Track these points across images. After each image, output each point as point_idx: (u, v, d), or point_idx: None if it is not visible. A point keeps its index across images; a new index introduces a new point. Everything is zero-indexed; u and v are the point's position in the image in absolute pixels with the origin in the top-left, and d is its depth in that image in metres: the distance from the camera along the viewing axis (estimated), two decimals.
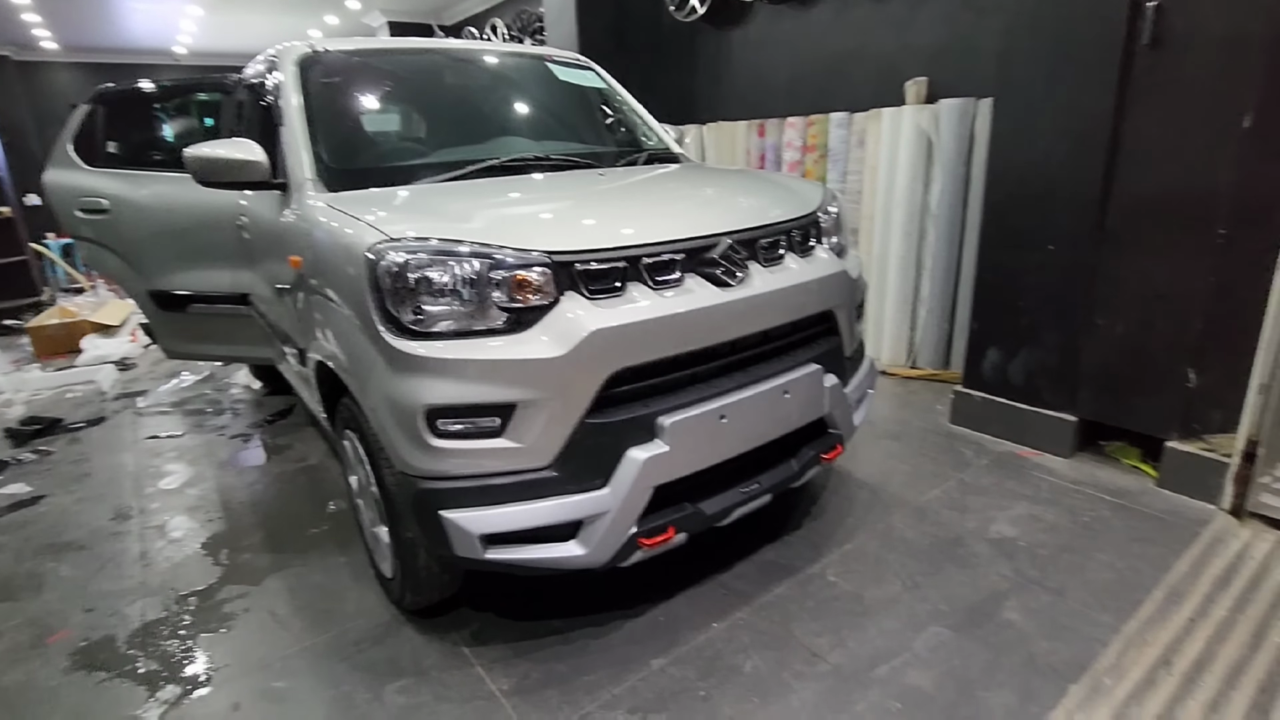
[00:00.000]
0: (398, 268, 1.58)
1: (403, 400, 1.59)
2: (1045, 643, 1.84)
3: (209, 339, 3.38)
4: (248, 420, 3.75)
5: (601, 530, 1.68)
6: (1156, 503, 2.48)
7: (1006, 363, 2.95)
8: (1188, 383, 2.47)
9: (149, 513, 2.78)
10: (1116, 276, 2.57)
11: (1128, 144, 2.46)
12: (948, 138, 3.53)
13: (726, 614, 1.99)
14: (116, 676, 1.88)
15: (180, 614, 2.13)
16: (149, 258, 3.25)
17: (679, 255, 1.76)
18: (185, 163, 2.21)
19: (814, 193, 2.28)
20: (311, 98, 2.34)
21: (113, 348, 5.04)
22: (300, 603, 2.15)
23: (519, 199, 2.02)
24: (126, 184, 3.23)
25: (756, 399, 1.86)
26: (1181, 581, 2.08)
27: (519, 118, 2.86)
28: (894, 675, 1.75)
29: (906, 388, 3.73)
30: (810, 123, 4.29)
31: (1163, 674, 1.75)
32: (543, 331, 1.59)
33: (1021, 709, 1.64)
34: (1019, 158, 2.76)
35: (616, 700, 1.71)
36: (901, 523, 2.42)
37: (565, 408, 1.61)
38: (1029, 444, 2.92)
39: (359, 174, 2.22)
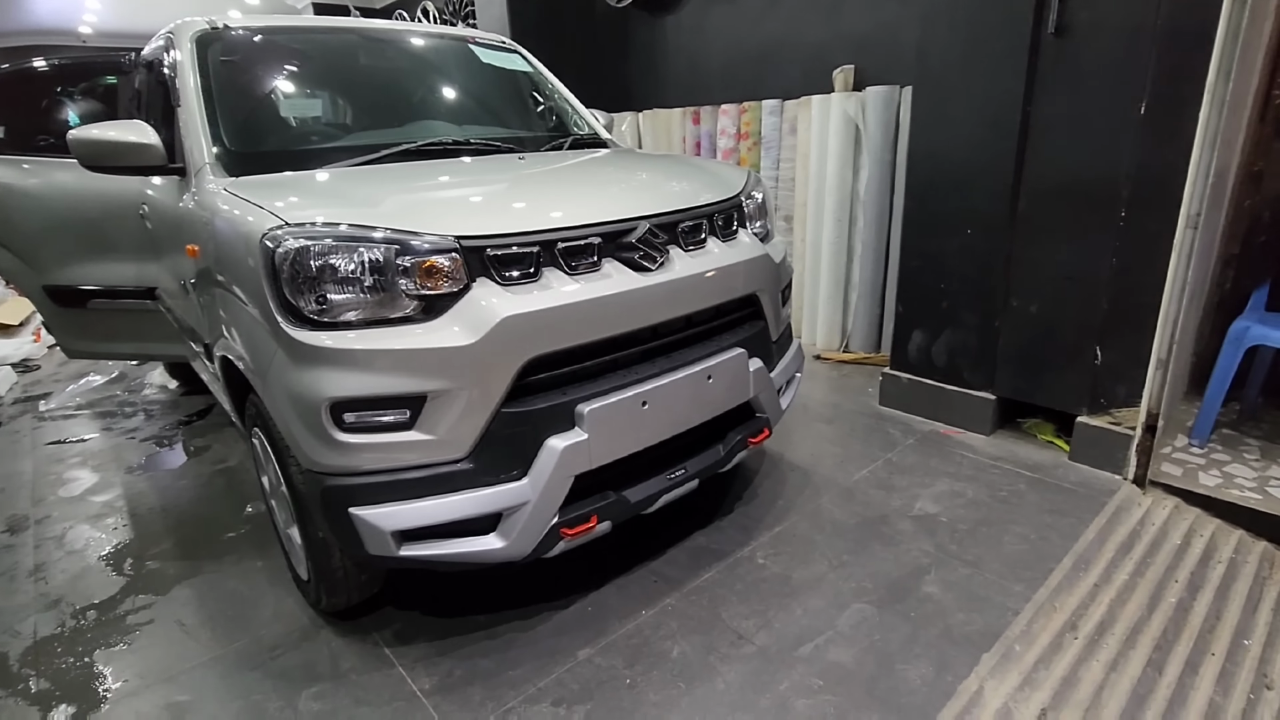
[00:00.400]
0: (296, 254, 1.50)
1: (305, 394, 1.51)
2: (962, 614, 1.90)
3: (114, 337, 3.18)
4: (162, 421, 3.55)
5: (521, 522, 1.65)
6: (1069, 476, 2.59)
7: (930, 345, 3.04)
8: (1095, 360, 2.58)
9: (46, 523, 2.60)
10: (1029, 259, 2.67)
11: (1036, 130, 2.54)
12: (874, 125, 3.60)
13: (655, 601, 1.99)
14: (6, 697, 1.75)
15: (78, 628, 2.00)
16: (42, 250, 3.03)
17: (596, 240, 1.73)
18: (70, 146, 2.06)
19: (737, 177, 2.28)
20: (211, 77, 2.21)
21: (11, 349, 4.70)
22: (211, 611, 2.05)
23: (431, 184, 1.94)
24: (13, 171, 3.00)
25: (679, 384, 1.85)
26: (1088, 549, 2.18)
27: (438, 101, 2.77)
28: (817, 653, 1.77)
29: (839, 371, 3.80)
30: (743, 110, 4.31)
31: (1069, 638, 1.83)
32: (452, 319, 1.54)
33: (937, 679, 1.68)
34: (937, 144, 2.82)
35: (541, 693, 1.68)
36: (830, 504, 2.46)
37: (479, 398, 1.56)
38: (952, 423, 3.02)
39: (263, 158, 2.11)
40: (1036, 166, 2.58)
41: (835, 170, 3.79)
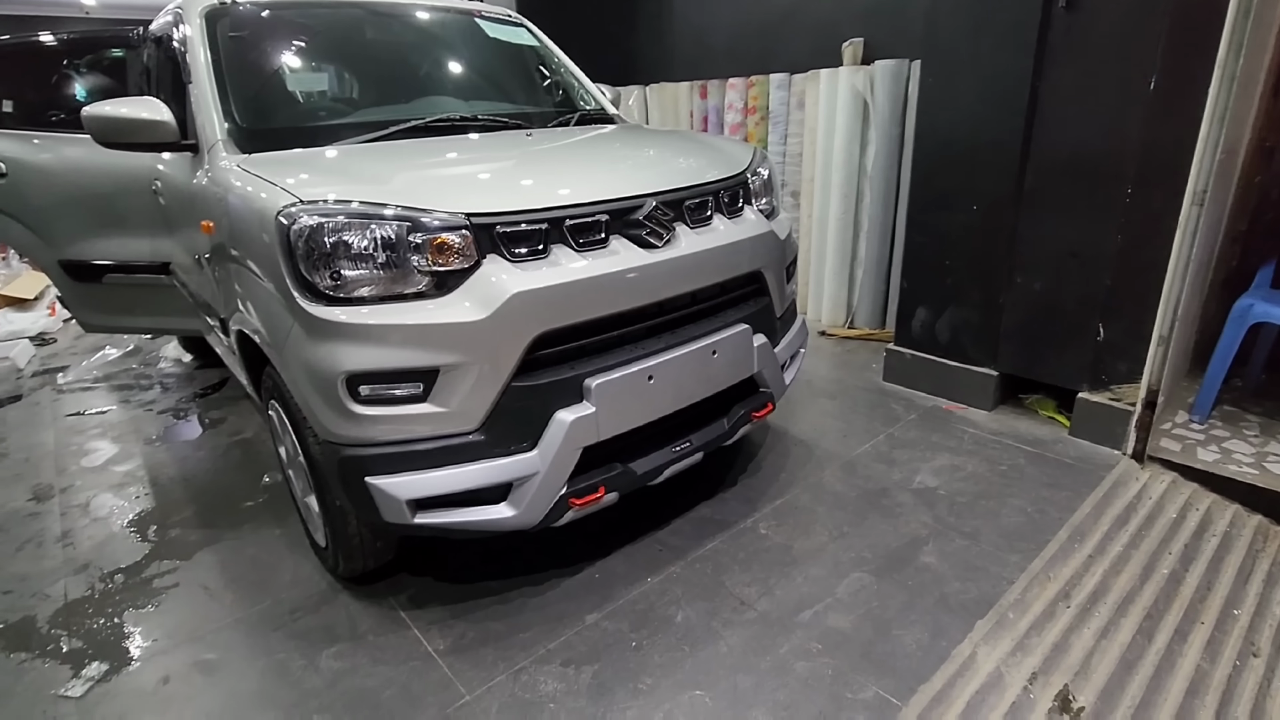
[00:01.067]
0: (311, 231, 1.53)
1: (321, 367, 1.56)
2: (958, 583, 1.95)
3: (129, 311, 3.24)
4: (178, 394, 3.63)
5: (531, 492, 1.70)
6: (1069, 451, 2.63)
7: (934, 321, 3.06)
8: (1098, 337, 2.60)
9: (71, 491, 2.68)
10: (1034, 235, 2.67)
11: (1044, 105, 2.53)
12: (882, 100, 3.58)
13: (660, 569, 2.05)
14: (38, 656, 1.84)
15: (106, 592, 2.08)
16: (58, 226, 3.07)
17: (603, 217, 1.76)
18: (84, 123, 2.09)
19: (744, 154, 2.29)
20: (221, 53, 2.22)
21: (28, 322, 4.78)
22: (233, 575, 2.13)
23: (441, 160, 1.97)
24: (25, 146, 3.03)
25: (684, 359, 1.89)
26: (1084, 522, 2.23)
27: (446, 76, 2.77)
28: (816, 619, 1.84)
29: (844, 347, 3.83)
30: (751, 84, 4.27)
31: (1061, 606, 1.89)
32: (464, 295, 1.58)
33: (932, 644, 1.74)
34: (944, 120, 2.81)
35: (551, 654, 1.75)
36: (832, 477, 2.51)
37: (490, 371, 1.61)
38: (955, 398, 3.05)
39: (274, 134, 2.13)
40: (1043, 142, 2.58)
41: (843, 145, 3.77)
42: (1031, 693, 1.61)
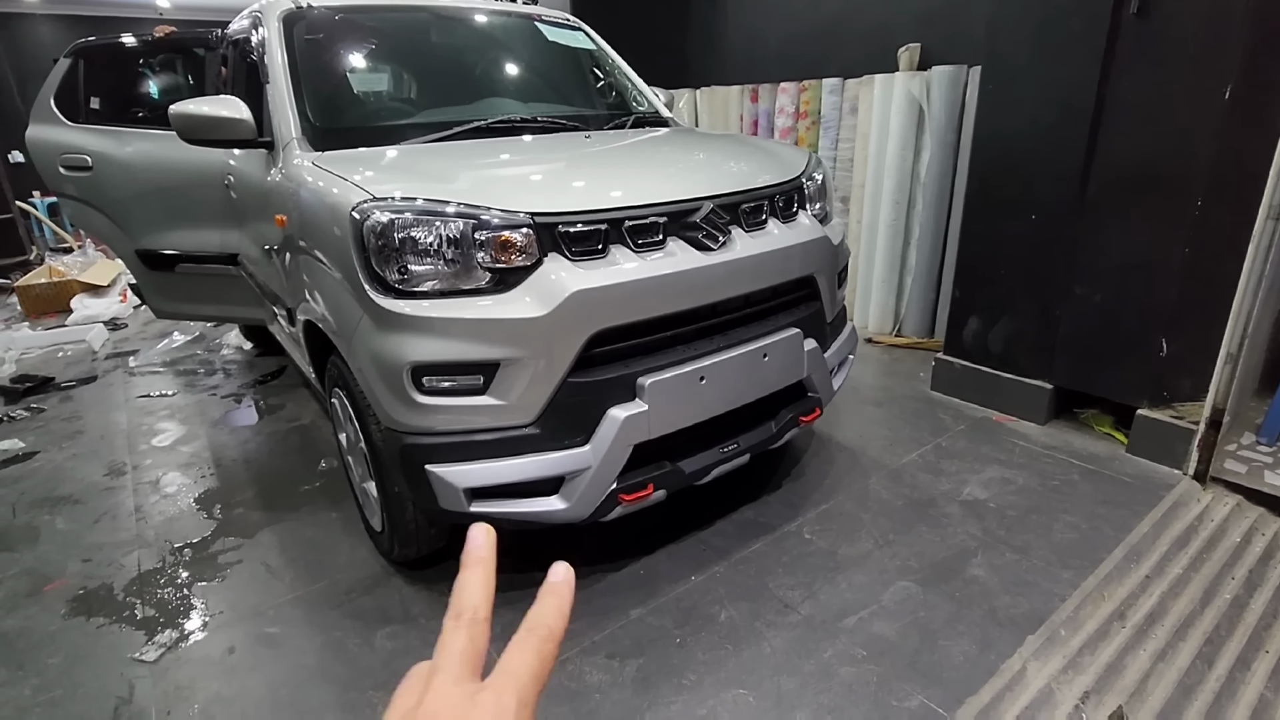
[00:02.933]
0: (383, 227, 1.60)
1: (388, 358, 1.63)
2: (1007, 597, 1.93)
3: (198, 299, 3.39)
4: (240, 380, 3.78)
5: (583, 486, 1.74)
6: (1125, 468, 2.56)
7: (986, 331, 3.01)
8: (1160, 352, 2.53)
9: (143, 468, 2.83)
10: (1095, 246, 2.61)
11: (1111, 114, 2.47)
12: (938, 106, 3.53)
13: (704, 568, 2.07)
14: (115, 622, 1.95)
15: (175, 565, 2.19)
16: (135, 216, 3.24)
17: (661, 219, 1.79)
18: (171, 119, 2.20)
19: (799, 159, 2.30)
20: (297, 55, 2.33)
21: (102, 307, 5.03)
22: (292, 555, 2.22)
23: (504, 160, 2.03)
24: (110, 140, 3.20)
25: (736, 361, 1.91)
26: (1142, 542, 2.17)
27: (507, 78, 2.84)
28: (861, 625, 1.83)
29: (891, 355, 3.79)
30: (803, 88, 4.26)
31: (1116, 626, 1.85)
32: (525, 292, 1.63)
33: (980, 656, 1.72)
34: (1004, 126, 2.77)
35: (596, 646, 1.79)
36: (878, 484, 2.50)
37: (547, 367, 1.65)
38: (1006, 411, 3.00)
39: (345, 133, 2.22)
40: (1109, 151, 2.51)
41: (896, 151, 3.73)
42: (1084, 712, 1.58)
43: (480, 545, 0.36)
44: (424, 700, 0.30)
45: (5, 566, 2.21)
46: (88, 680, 1.75)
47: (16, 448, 3.05)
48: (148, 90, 3.55)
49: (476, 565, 0.35)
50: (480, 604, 0.34)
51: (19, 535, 2.39)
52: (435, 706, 0.29)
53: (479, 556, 0.36)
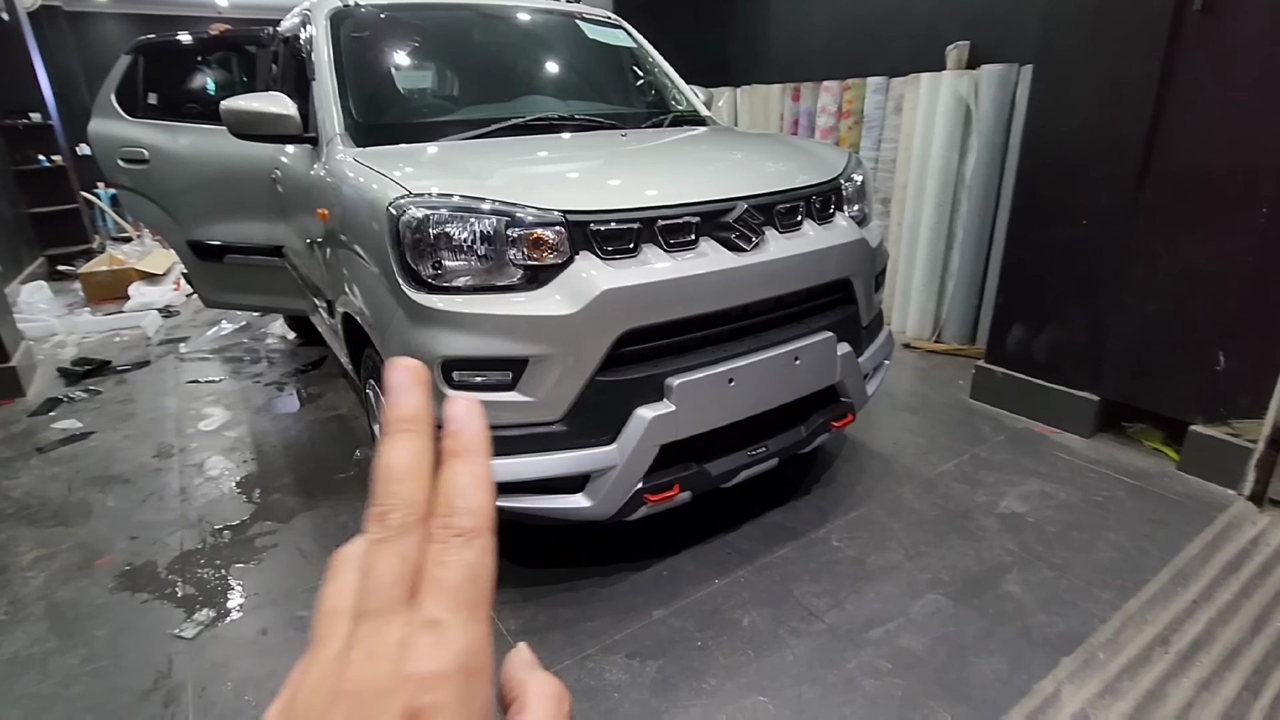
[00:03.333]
0: (418, 222, 1.62)
1: (420, 352, 1.65)
2: (1043, 615, 1.86)
3: (244, 289, 3.50)
4: (282, 369, 3.90)
5: (608, 484, 1.74)
6: (1175, 486, 2.45)
7: (1031, 339, 2.91)
8: (1217, 365, 2.41)
9: (189, 451, 2.94)
10: (1150, 253, 2.50)
11: (1171, 115, 2.36)
12: (987, 105, 3.42)
13: (728, 572, 2.05)
14: (158, 598, 2.03)
15: (216, 546, 2.27)
16: (187, 208, 3.36)
17: (694, 218, 1.77)
18: (221, 115, 2.27)
19: (837, 159, 2.26)
20: (343, 53, 2.38)
21: (157, 295, 5.23)
22: (326, 541, 2.28)
23: (539, 158, 2.04)
24: (165, 135, 3.33)
25: (766, 364, 1.88)
26: (1190, 564, 2.07)
27: (546, 76, 2.85)
28: (888, 637, 1.79)
29: (929, 362, 3.70)
30: (846, 87, 4.18)
31: (1159, 652, 1.77)
32: (556, 289, 1.63)
33: (1011, 676, 1.67)
34: (1056, 127, 2.67)
35: (617, 645, 1.79)
36: (911, 494, 2.44)
37: (576, 365, 1.66)
38: (1049, 422, 2.89)
39: (387, 130, 2.26)
40: (1167, 154, 2.40)
41: (940, 152, 3.64)
42: None
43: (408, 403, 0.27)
44: (349, 658, 0.23)
45: (60, 540, 2.32)
46: (130, 652, 1.82)
47: (75, 427, 3.19)
48: (202, 86, 3.68)
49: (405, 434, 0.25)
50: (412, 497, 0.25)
51: (73, 511, 2.50)
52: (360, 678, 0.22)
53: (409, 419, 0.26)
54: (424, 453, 0.26)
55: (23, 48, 6.28)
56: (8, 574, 2.15)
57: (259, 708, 1.63)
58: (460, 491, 0.26)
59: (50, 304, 5.05)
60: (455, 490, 0.26)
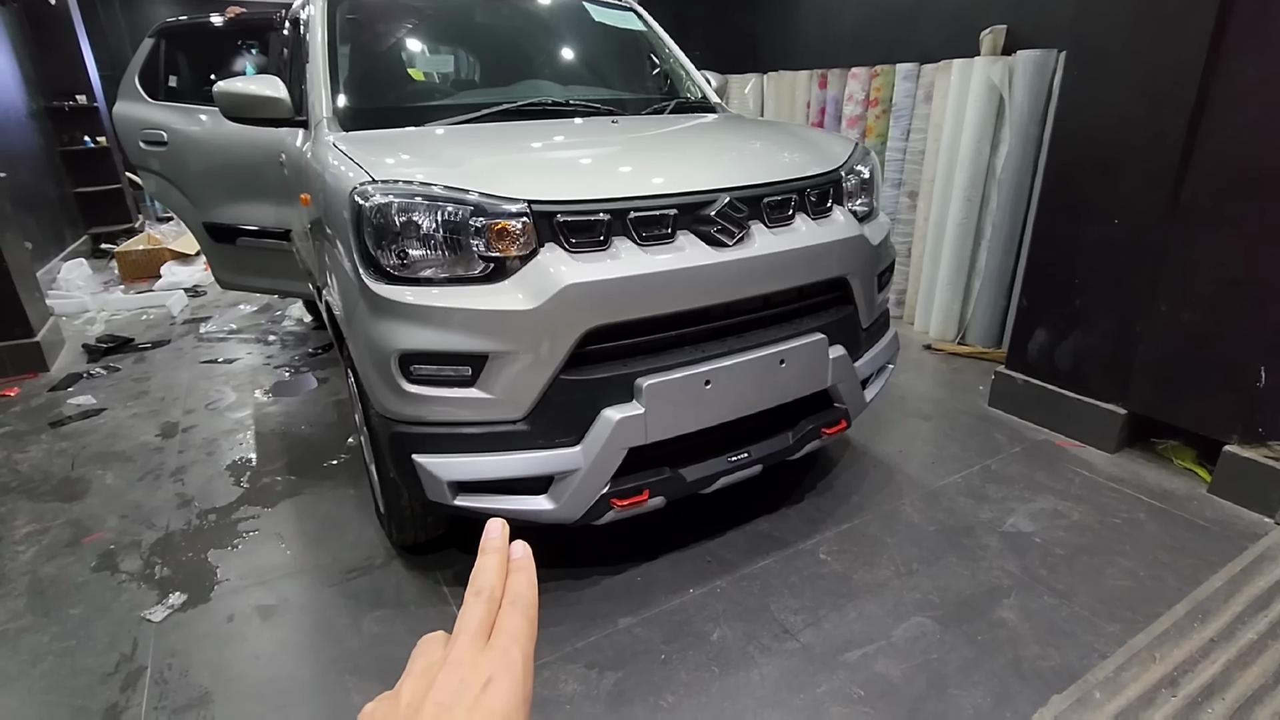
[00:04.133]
0: (378, 209, 1.57)
1: (378, 343, 1.60)
2: (1037, 646, 1.72)
3: (256, 271, 3.53)
4: (294, 352, 3.94)
5: (572, 487, 1.67)
6: (1204, 510, 2.26)
7: (1055, 345, 2.72)
8: (1258, 382, 2.20)
9: (192, 431, 2.98)
10: (1188, 257, 2.30)
11: (1216, 105, 2.16)
12: (1021, 94, 3.21)
13: (705, 581, 1.97)
14: (134, 579, 2.05)
15: (200, 528, 2.28)
16: (203, 190, 3.39)
17: (670, 211, 1.68)
18: (214, 98, 2.26)
19: (841, 150, 2.12)
20: (336, 34, 2.34)
21: (187, 275, 5.36)
22: (306, 528, 2.27)
23: (518, 145, 1.96)
24: (183, 117, 3.36)
25: (747, 366, 1.78)
26: (1211, 598, 1.90)
27: (547, 61, 2.77)
28: (864, 661, 1.68)
29: (950, 365, 3.52)
30: (875, 74, 3.99)
31: (1165, 694, 1.62)
32: (517, 283, 1.56)
33: (993, 712, 1.55)
34: (1089, 118, 2.47)
35: (577, 654, 1.73)
36: (910, 506, 2.31)
37: (538, 362, 1.58)
38: (1071, 434, 2.71)
39: (374, 114, 2.21)
40: (1211, 149, 2.20)
41: (970, 143, 3.44)
42: None
43: (495, 536, 0.43)
44: (449, 655, 0.36)
45: (54, 515, 2.37)
46: (100, 633, 1.83)
47: (89, 404, 3.27)
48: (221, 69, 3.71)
49: (493, 553, 0.42)
50: (496, 585, 0.40)
51: (72, 487, 2.55)
52: (458, 658, 0.35)
53: (496, 545, 0.42)
54: (503, 563, 0.42)
55: (70, 31, 6.48)
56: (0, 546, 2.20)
57: (212, 694, 1.62)
58: (518, 587, 0.40)
59: (87, 281, 5.21)
60: (515, 587, 0.40)
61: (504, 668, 0.35)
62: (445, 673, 0.35)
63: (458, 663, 0.35)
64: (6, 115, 5.27)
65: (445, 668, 0.35)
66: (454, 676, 0.35)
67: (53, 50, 6.38)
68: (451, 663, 0.35)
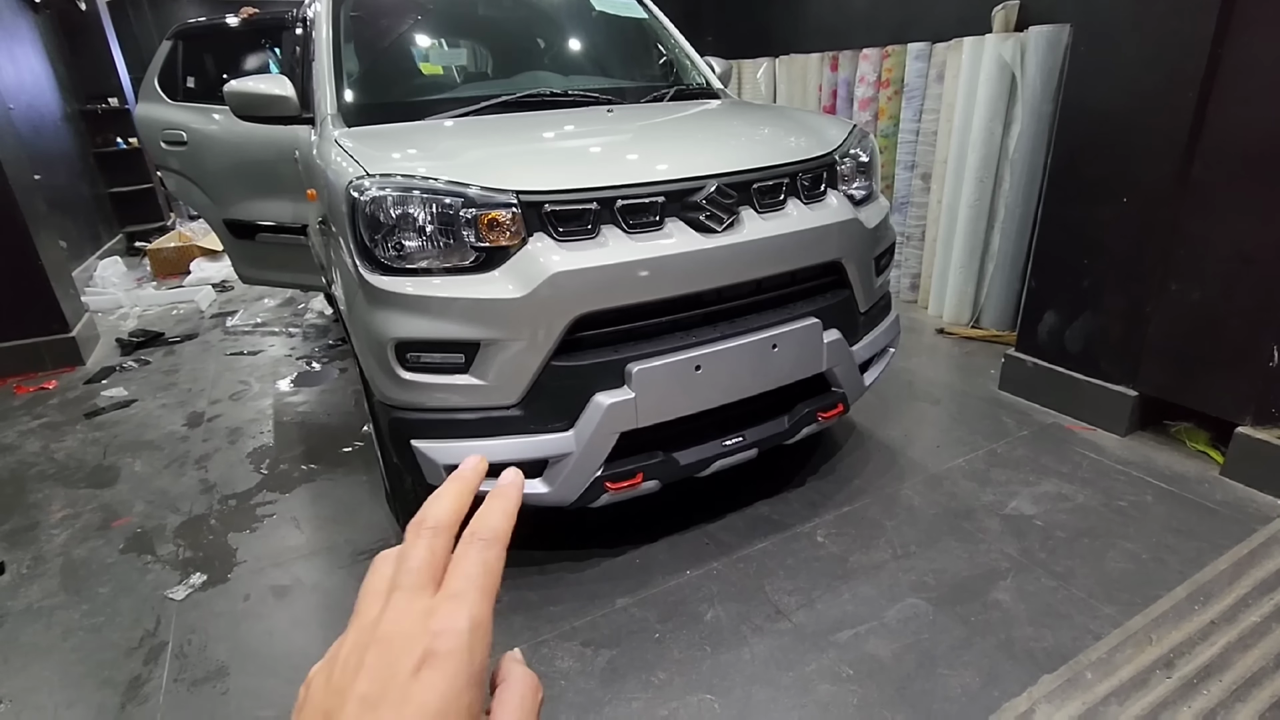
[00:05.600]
0: (373, 202, 1.62)
1: (375, 333, 1.66)
2: (1030, 628, 1.73)
3: (276, 267, 3.64)
4: (315, 344, 4.05)
5: (565, 471, 1.72)
6: (1214, 493, 2.22)
7: (1064, 327, 2.68)
8: (1271, 362, 2.15)
9: (216, 421, 3.09)
10: (1199, 235, 2.25)
11: (1227, 78, 2.10)
12: (1033, 72, 3.15)
13: (702, 563, 2.00)
14: (160, 561, 2.15)
15: (220, 512, 2.39)
16: (222, 187, 3.50)
17: (658, 198, 1.70)
18: (225, 97, 2.33)
19: (836, 133, 2.12)
20: (340, 32, 2.39)
21: (215, 271, 5.53)
22: (320, 512, 2.36)
23: (511, 137, 1.99)
24: (202, 117, 3.47)
25: (738, 351, 1.80)
26: (1214, 581, 1.87)
27: (548, 52, 2.80)
28: (855, 641, 1.70)
29: (963, 348, 3.48)
30: (886, 54, 3.93)
31: (1159, 675, 1.61)
32: (507, 272, 1.60)
33: (981, 691, 1.56)
34: (1098, 95, 2.42)
35: (574, 632, 1.78)
36: (912, 490, 2.31)
37: (529, 349, 1.63)
38: (1081, 418, 2.67)
39: (377, 109, 2.26)
40: (1221, 124, 2.14)
41: (982, 123, 3.38)
42: None
43: (467, 469, 0.36)
44: (382, 618, 0.30)
45: (86, 501, 2.49)
46: (126, 611, 1.94)
47: (121, 395, 3.42)
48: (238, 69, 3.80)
49: (453, 482, 0.35)
50: (445, 516, 0.33)
51: (104, 474, 2.68)
52: (390, 629, 0.29)
53: (461, 475, 0.36)
54: (462, 494, 0.35)
55: (101, 35, 6.68)
56: (36, 531, 2.33)
57: (228, 668, 1.71)
58: (486, 517, 0.33)
59: (122, 278, 5.41)
60: (484, 515, 0.33)
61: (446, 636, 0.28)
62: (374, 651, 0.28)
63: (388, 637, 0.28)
64: (42, 119, 5.47)
65: (374, 643, 0.29)
66: (383, 656, 0.28)
67: (85, 54, 6.59)
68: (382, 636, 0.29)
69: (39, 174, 4.27)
